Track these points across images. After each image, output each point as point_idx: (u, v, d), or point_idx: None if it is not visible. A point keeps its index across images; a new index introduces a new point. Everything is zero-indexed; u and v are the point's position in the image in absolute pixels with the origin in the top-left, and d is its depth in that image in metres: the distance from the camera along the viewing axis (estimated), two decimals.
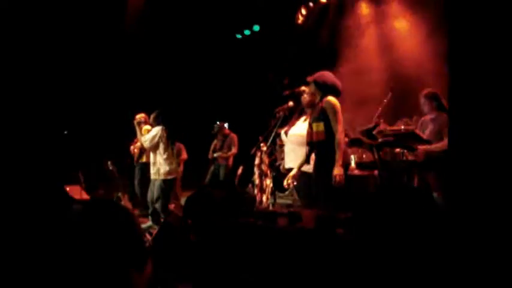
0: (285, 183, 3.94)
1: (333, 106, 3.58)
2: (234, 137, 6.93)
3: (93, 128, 7.44)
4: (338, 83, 3.76)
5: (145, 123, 6.01)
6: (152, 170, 5.66)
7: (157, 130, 5.54)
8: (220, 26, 8.27)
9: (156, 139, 5.50)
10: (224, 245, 2.12)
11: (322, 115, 3.61)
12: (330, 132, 3.59)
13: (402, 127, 4.87)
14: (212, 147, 7.01)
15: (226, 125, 7.01)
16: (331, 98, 3.62)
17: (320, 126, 3.62)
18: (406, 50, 6.46)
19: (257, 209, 4.00)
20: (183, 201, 6.47)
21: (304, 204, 3.96)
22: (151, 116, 5.68)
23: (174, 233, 2.34)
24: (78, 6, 6.73)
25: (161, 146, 5.55)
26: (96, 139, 7.26)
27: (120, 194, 6.31)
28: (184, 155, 7.31)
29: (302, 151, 3.96)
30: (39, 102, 6.56)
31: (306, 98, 4.02)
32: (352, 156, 5.35)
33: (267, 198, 4.84)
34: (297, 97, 4.20)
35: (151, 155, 5.68)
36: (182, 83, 8.39)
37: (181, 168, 7.38)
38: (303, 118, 4.19)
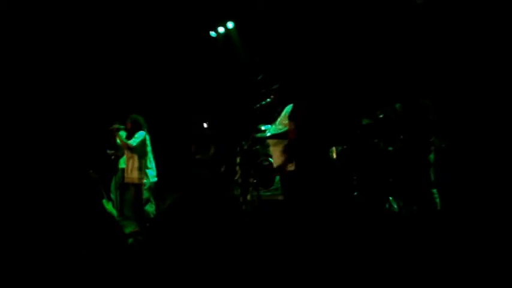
0: None
1: None
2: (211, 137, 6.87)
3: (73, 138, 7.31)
4: None
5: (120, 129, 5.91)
6: (131, 175, 5.54)
7: (142, 134, 5.42)
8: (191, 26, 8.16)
9: (143, 143, 5.39)
10: None
11: None
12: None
13: None
14: (193, 149, 6.95)
15: (205, 124, 6.98)
16: None
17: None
18: None
19: None
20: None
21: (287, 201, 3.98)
22: (131, 121, 5.59)
23: None
24: None
25: (144, 151, 5.43)
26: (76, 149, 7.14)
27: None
28: None
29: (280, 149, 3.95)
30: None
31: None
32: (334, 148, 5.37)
33: (251, 196, 4.86)
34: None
35: (128, 160, 5.55)
36: (158, 84, 8.29)
37: None
38: (279, 120, 4.16)
